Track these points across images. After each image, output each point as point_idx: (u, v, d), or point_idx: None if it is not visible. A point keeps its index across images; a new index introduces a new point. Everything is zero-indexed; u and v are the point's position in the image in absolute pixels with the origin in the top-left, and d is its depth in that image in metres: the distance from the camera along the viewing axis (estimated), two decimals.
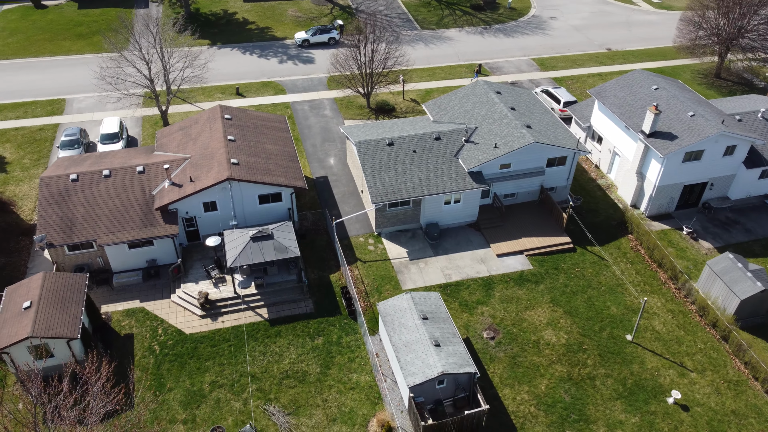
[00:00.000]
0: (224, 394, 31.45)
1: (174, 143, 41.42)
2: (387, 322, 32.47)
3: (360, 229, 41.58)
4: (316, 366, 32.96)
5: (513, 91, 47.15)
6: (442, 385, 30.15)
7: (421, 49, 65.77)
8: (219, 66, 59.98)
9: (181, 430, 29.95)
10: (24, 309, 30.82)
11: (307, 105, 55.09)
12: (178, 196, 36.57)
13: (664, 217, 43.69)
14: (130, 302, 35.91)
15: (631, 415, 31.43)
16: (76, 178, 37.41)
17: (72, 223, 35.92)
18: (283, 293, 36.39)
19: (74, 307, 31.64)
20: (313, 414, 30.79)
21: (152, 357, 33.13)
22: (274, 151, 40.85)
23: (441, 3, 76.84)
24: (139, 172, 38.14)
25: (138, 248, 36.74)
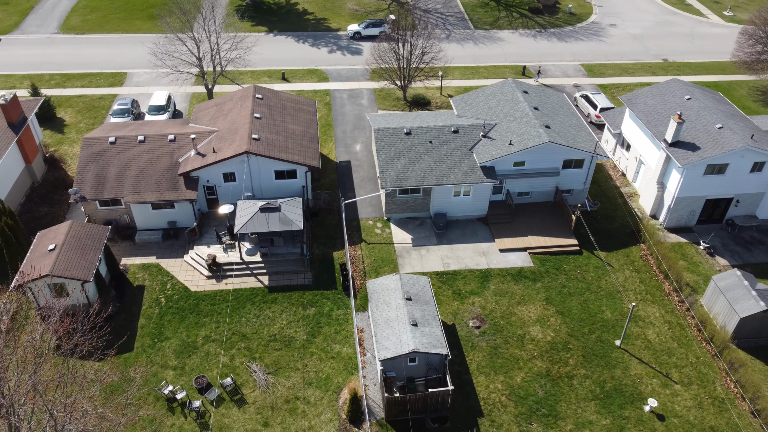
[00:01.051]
0: (214, 348, 33.82)
1: (207, 117, 44.38)
2: (373, 299, 33.84)
3: (371, 213, 43.08)
4: (303, 333, 34.78)
5: (541, 92, 47.22)
6: (413, 363, 31.19)
7: (469, 48, 66.42)
8: (270, 52, 63.05)
9: (171, 375, 32.53)
10: (49, 251, 34.34)
11: (346, 93, 57.08)
12: (200, 165, 39.35)
13: (683, 230, 42.64)
14: (147, 258, 39.02)
15: (603, 417, 31.36)
16: (114, 141, 40.93)
17: (105, 180, 39.40)
18: (285, 264, 38.45)
19: (92, 254, 34.93)
20: (292, 376, 32.63)
21: (157, 308, 35.99)
22: (296, 131, 43.01)
23: (499, 4, 76.98)
24: (170, 141, 41.24)
25: (161, 209, 39.80)
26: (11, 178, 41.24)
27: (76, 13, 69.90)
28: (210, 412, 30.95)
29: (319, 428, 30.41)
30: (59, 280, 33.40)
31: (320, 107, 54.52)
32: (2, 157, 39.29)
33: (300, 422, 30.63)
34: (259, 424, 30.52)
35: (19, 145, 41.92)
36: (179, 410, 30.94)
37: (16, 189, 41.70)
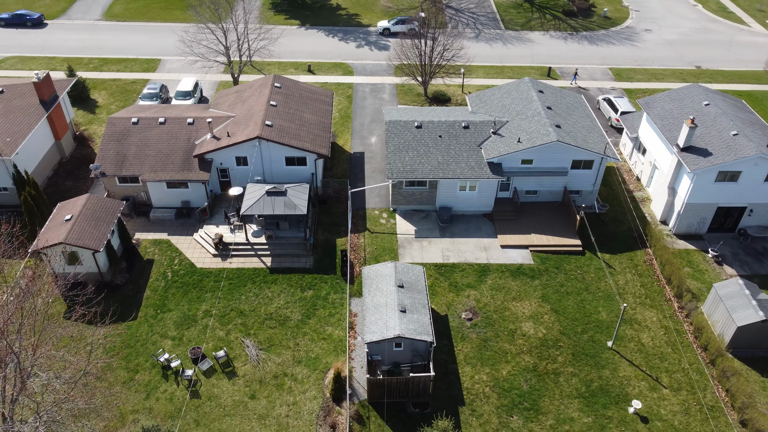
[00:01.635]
0: (213, 322, 35.22)
1: (227, 103, 45.98)
2: (366, 285, 34.65)
3: (378, 203, 43.90)
4: (298, 314, 35.86)
5: (558, 93, 47.14)
6: (399, 349, 31.86)
7: (497, 48, 66.51)
8: (300, 45, 64.54)
9: (168, 345, 34.06)
10: (65, 220, 36.37)
11: (368, 87, 58.02)
12: (214, 147, 40.89)
13: (693, 238, 41.99)
14: (159, 234, 40.78)
15: (585, 415, 31.38)
16: (136, 122, 42.88)
17: (124, 158, 41.36)
18: (288, 247, 39.63)
19: (105, 226, 36.80)
20: (283, 353, 33.73)
21: (164, 281, 37.64)
22: (310, 120, 44.16)
23: (533, 6, 76.68)
24: (188, 124, 42.94)
25: (175, 189, 41.52)
26: (40, 152, 43.66)
27: (120, 2, 72.94)
28: (201, 381, 32.30)
29: (303, 404, 31.39)
30: (72, 248, 35.34)
31: (341, 99, 55.65)
32: (32, 131, 41.64)
33: (285, 397, 31.69)
34: (246, 396, 31.71)
35: (50, 122, 44.32)
36: (173, 378, 32.40)
37: (44, 163, 44.13)
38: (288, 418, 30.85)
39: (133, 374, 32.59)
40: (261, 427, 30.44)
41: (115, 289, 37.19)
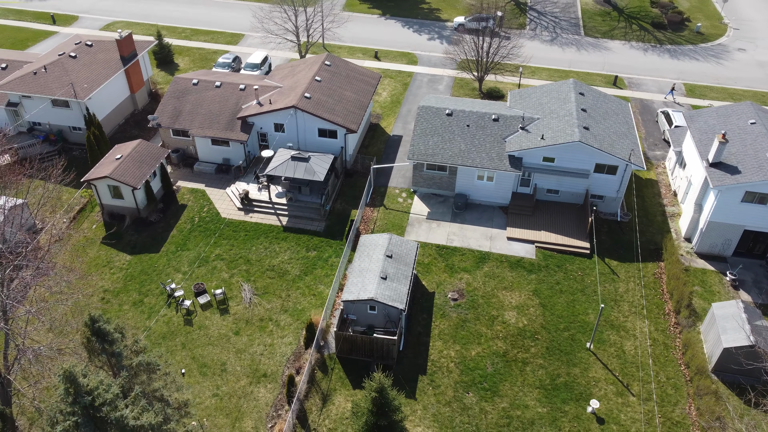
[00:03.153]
0: (221, 265, 38.87)
1: (280, 76, 49.72)
2: (359, 251, 36.81)
3: (400, 183, 45.78)
4: (297, 270, 38.69)
5: (601, 97, 46.59)
6: (373, 312, 33.75)
7: (570, 52, 65.80)
8: (374, 32, 67.42)
9: (179, 278, 38.11)
10: (115, 159, 41.50)
11: (427, 78, 59.79)
12: (255, 112, 44.63)
13: (715, 259, 40.27)
14: (198, 184, 45.17)
15: (541, 405, 31.71)
16: (196, 83, 47.60)
17: (180, 114, 46.13)
18: (305, 210, 42.57)
19: (147, 168, 41.57)
20: (273, 301, 36.70)
21: (190, 224, 41.87)
22: (349, 97, 46.84)
23: (621, 15, 74.69)
24: (240, 89, 47.03)
25: (218, 146, 45.74)
26: (115, 101, 49.58)
27: None
28: (197, 312, 35.99)
29: (278, 347, 34.17)
30: (114, 183, 40.33)
31: (397, 86, 57.87)
32: (107, 81, 47.50)
33: (264, 338, 34.63)
34: (231, 332, 34.99)
35: (127, 76, 50.18)
36: (174, 305, 36.34)
37: (117, 111, 50.06)
38: (261, 356, 33.75)
39: (142, 297, 36.91)
40: (236, 359, 33.58)
41: (149, 224, 41.87)
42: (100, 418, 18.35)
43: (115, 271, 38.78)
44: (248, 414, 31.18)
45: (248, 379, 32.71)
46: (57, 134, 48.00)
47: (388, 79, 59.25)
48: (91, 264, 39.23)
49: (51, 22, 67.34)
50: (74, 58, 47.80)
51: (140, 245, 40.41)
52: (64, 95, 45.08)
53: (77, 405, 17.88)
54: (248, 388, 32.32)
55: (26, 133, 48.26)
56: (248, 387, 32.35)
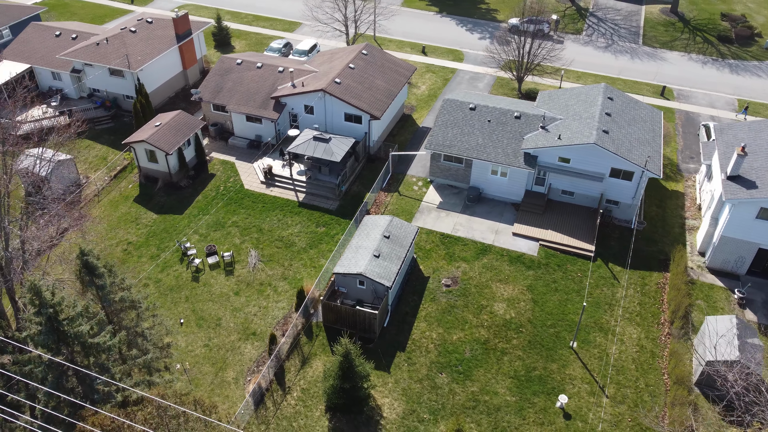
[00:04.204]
0: (235, 231, 41.53)
1: (318, 61, 52.06)
2: (360, 229, 38.40)
3: (419, 172, 46.97)
4: (304, 243, 40.76)
5: (631, 103, 45.95)
6: (362, 287, 35.26)
7: (623, 60, 64.62)
8: (427, 28, 68.70)
9: (195, 238, 41.06)
10: (154, 126, 45.05)
11: (469, 75, 60.52)
12: (287, 93, 47.12)
13: (728, 276, 39.07)
14: (229, 156, 48.18)
15: (511, 394, 32.22)
16: (240, 63, 50.67)
17: (220, 90, 49.31)
18: (322, 189, 44.60)
19: (181, 137, 44.86)
20: (276, 269, 38.93)
21: (214, 192, 44.85)
22: (379, 86, 48.49)
23: (687, 26, 72.34)
24: (278, 72, 49.66)
25: (252, 122, 48.57)
26: (166, 75, 53.51)
27: None
28: (204, 271, 38.74)
29: (271, 310, 36.34)
30: (150, 147, 43.83)
31: (437, 80, 58.97)
32: (160, 56, 51.40)
33: (261, 301, 36.89)
34: (231, 292, 37.49)
35: (180, 53, 54.00)
36: (186, 262, 39.26)
37: (168, 84, 53.99)
38: (255, 317, 36.02)
39: (159, 252, 40.09)
40: (231, 316, 36.03)
41: (178, 188, 45.17)
42: (63, 332, 20.92)
43: (141, 227, 42.23)
44: (232, 366, 33.49)
45: (238, 335, 35.05)
46: (112, 101, 52.41)
47: (429, 73, 60.45)
48: (121, 219, 42.88)
49: (129, 2, 72.91)
50: (134, 33, 52.03)
51: (167, 206, 43.73)
52: (118, 65, 49.26)
53: (41, 315, 20.55)
54: (237, 343, 34.64)
55: (86, 98, 52.96)
56: (237, 342, 34.68)
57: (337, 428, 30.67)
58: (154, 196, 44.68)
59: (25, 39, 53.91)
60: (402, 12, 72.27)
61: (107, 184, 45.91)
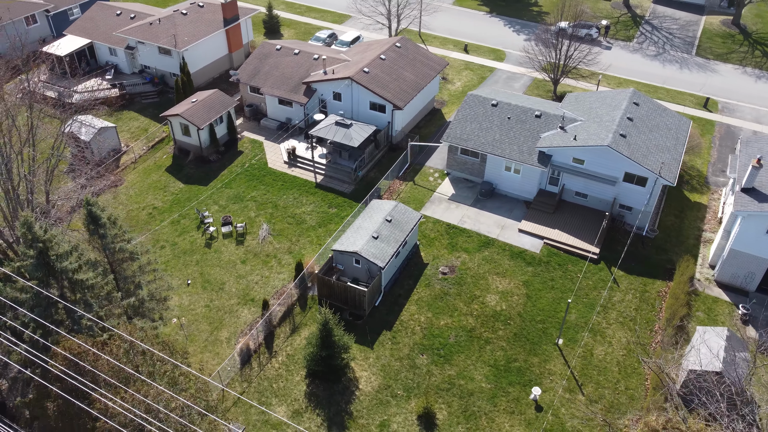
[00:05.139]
0: (252, 205, 43.82)
1: (354, 52, 53.78)
2: (366, 211, 39.77)
3: (437, 164, 47.87)
4: (314, 221, 42.54)
5: (657, 110, 45.20)
6: (358, 266, 36.64)
7: (670, 70, 63.10)
8: (473, 27, 69.27)
9: (214, 209, 43.60)
10: (191, 102, 48.00)
11: (506, 75, 60.74)
12: (317, 79, 49.08)
13: (736, 291, 38.04)
14: (259, 136, 50.64)
15: (487, 382, 32.80)
16: (279, 48, 53.07)
17: (257, 73, 51.83)
18: (339, 173, 46.27)
19: (214, 114, 47.58)
20: (283, 242, 40.89)
21: (240, 168, 47.36)
22: (407, 78, 49.70)
23: (747, 38, 69.64)
24: (314, 59, 51.73)
25: (284, 105, 50.85)
26: (212, 57, 56.64)
27: None
28: (217, 239, 41.17)
29: (272, 280, 38.29)
30: (184, 121, 46.76)
31: (473, 78, 59.55)
32: (206, 38, 54.52)
33: (264, 271, 38.92)
34: (239, 260, 39.71)
35: (227, 36, 56.99)
36: (202, 229, 41.83)
37: (212, 66, 57.12)
38: (256, 285, 38.08)
39: (180, 218, 42.85)
40: (234, 282, 38.23)
41: (207, 162, 47.95)
42: (52, 266, 23.39)
43: (168, 194, 45.20)
44: (227, 327, 35.63)
45: (238, 299, 37.19)
46: (160, 78, 55.99)
47: (467, 71, 61.07)
48: (151, 185, 46.01)
49: None
50: (184, 15, 55.39)
51: (194, 178, 46.56)
52: (166, 44, 52.65)
53: (32, 249, 23.07)
54: (235, 307, 36.78)
55: (137, 73, 56.80)
56: (236, 306, 36.82)
57: (313, 393, 32.22)
58: (184, 167, 47.64)
59: (90, 17, 58.33)
60: (451, 10, 73.11)
61: (144, 153, 49.27)
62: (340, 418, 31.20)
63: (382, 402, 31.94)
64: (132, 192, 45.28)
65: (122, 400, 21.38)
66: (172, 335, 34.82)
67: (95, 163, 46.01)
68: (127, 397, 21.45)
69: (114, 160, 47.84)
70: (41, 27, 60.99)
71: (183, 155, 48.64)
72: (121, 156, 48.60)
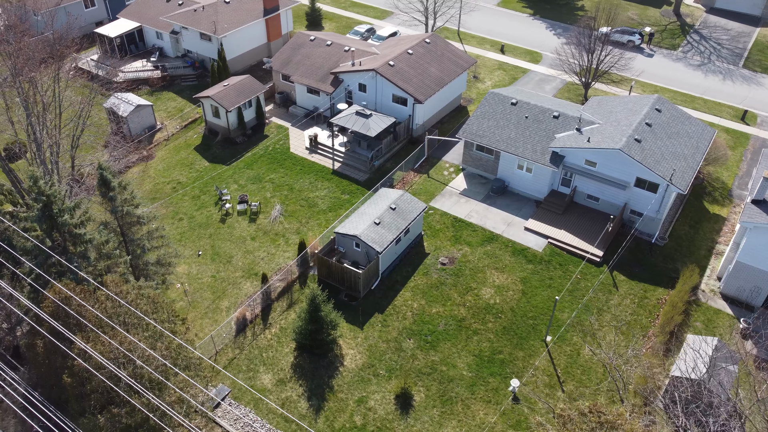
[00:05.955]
0: (269, 186, 45.69)
1: (384, 46, 55.05)
2: (372, 198, 40.95)
3: (453, 159, 48.52)
4: (325, 206, 44.03)
5: (679, 118, 44.42)
6: (358, 249, 37.85)
7: (713, 81, 61.44)
8: (514, 29, 69.32)
9: (233, 187, 45.72)
10: (222, 86, 50.37)
11: (539, 77, 60.61)
12: (343, 70, 50.56)
13: (741, 305, 37.16)
14: (285, 123, 52.57)
15: (468, 371, 33.40)
16: (313, 39, 54.88)
17: (289, 62, 53.75)
18: (356, 161, 47.59)
19: (243, 98, 49.78)
20: (293, 223, 42.54)
21: (263, 151, 49.37)
22: (431, 73, 50.53)
23: None
24: (344, 50, 53.28)
25: (312, 94, 52.58)
26: (250, 44, 59.03)
27: None
28: (232, 215, 43.22)
29: (277, 257, 39.98)
30: (214, 103, 49.12)
31: (505, 78, 59.76)
32: (244, 26, 56.92)
33: (270, 248, 40.66)
34: (249, 237, 41.61)
35: (266, 25, 59.27)
36: (219, 206, 43.99)
37: (251, 53, 59.51)
38: (261, 261, 39.85)
39: (200, 194, 45.17)
40: (242, 256, 40.12)
41: (233, 143, 50.21)
42: (54, 219, 25.61)
43: (193, 171, 47.66)
44: (228, 297, 37.52)
45: (243, 273, 39.04)
46: (200, 62, 58.80)
47: (500, 71, 61.29)
48: (179, 162, 48.60)
49: None
50: (227, 3, 57.98)
51: (219, 157, 48.87)
52: (206, 30, 55.32)
53: (38, 201, 25.34)
54: (239, 279, 38.65)
55: (180, 57, 59.82)
56: (239, 279, 38.68)
57: (299, 364, 33.64)
58: (212, 147, 50.04)
59: (142, 1, 61.81)
60: (494, 11, 73.31)
61: (177, 132, 51.99)
62: (321, 390, 32.48)
63: (363, 379, 33.03)
64: (161, 167, 47.98)
65: (102, 345, 23.32)
66: (177, 300, 36.98)
67: (130, 138, 49.00)
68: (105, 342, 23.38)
69: (148, 136, 50.72)
70: (98, 10, 65.04)
71: (212, 136, 51.07)
72: (155, 133, 51.46)
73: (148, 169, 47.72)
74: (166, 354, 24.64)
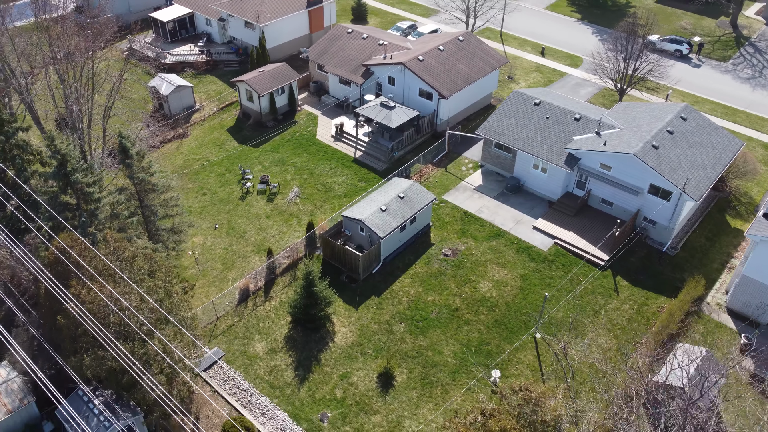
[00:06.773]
0: (291, 169, 47.59)
1: (418, 42, 56.08)
2: (383, 186, 42.14)
3: (473, 156, 49.05)
4: (341, 191, 45.51)
5: (705, 128, 43.47)
6: (363, 234, 39.14)
7: (760, 95, 59.35)
8: (558, 32, 68.95)
9: (257, 168, 47.86)
10: (258, 72, 52.68)
11: (575, 81, 60.17)
12: (374, 62, 51.92)
13: (746, 321, 36.24)
14: (316, 111, 54.42)
15: (453, 358, 34.10)
16: (350, 32, 56.53)
17: (325, 53, 55.57)
18: (377, 151, 48.85)
19: (276, 84, 51.93)
20: (308, 205, 44.25)
21: (290, 136, 51.36)
22: (460, 70, 51.20)
23: None
24: (379, 44, 54.65)
25: (343, 85, 54.22)
26: (292, 34, 61.26)
27: None
28: (252, 193, 45.33)
29: (288, 235, 41.77)
30: (249, 88, 51.45)
31: (540, 80, 59.69)
32: (286, 17, 59.18)
33: (283, 227, 42.49)
34: (264, 215, 43.58)
35: (309, 17, 61.35)
36: (241, 184, 46.20)
37: (292, 43, 61.75)
38: (273, 237, 41.73)
39: (226, 172, 47.55)
40: (255, 232, 42.12)
41: (264, 127, 52.43)
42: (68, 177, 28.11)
43: (222, 151, 50.15)
44: (236, 269, 39.55)
45: (253, 248, 41.02)
46: (243, 49, 61.46)
47: (536, 73, 61.20)
48: (211, 141, 51.21)
49: None
50: None
51: (249, 139, 51.19)
52: (249, 18, 57.86)
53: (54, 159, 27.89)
54: (249, 254, 40.63)
55: (226, 43, 62.71)
56: (249, 253, 40.67)
57: (292, 336, 35.22)
58: (243, 129, 52.44)
59: None
60: (541, 14, 73.07)
61: (213, 113, 54.70)
62: (308, 362, 33.95)
63: (350, 356, 34.28)
64: (194, 144, 50.72)
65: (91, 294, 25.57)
66: (189, 267, 39.29)
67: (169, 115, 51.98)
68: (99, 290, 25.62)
69: (186, 116, 53.62)
70: None
71: (245, 119, 53.48)
72: (193, 113, 54.34)
73: (182, 146, 50.54)
74: (153, 309, 26.65)
